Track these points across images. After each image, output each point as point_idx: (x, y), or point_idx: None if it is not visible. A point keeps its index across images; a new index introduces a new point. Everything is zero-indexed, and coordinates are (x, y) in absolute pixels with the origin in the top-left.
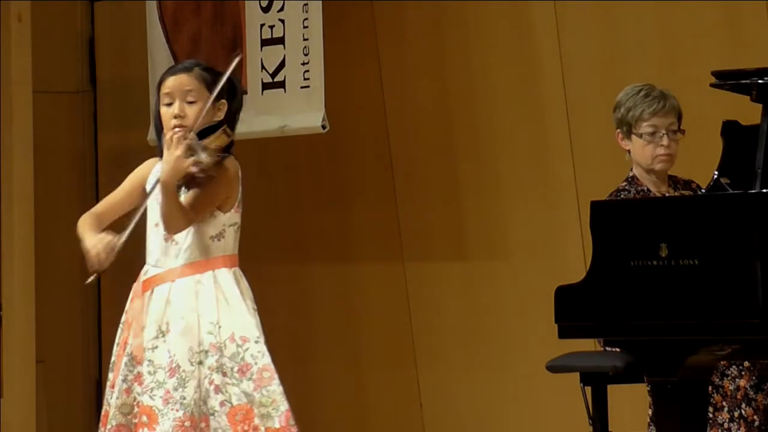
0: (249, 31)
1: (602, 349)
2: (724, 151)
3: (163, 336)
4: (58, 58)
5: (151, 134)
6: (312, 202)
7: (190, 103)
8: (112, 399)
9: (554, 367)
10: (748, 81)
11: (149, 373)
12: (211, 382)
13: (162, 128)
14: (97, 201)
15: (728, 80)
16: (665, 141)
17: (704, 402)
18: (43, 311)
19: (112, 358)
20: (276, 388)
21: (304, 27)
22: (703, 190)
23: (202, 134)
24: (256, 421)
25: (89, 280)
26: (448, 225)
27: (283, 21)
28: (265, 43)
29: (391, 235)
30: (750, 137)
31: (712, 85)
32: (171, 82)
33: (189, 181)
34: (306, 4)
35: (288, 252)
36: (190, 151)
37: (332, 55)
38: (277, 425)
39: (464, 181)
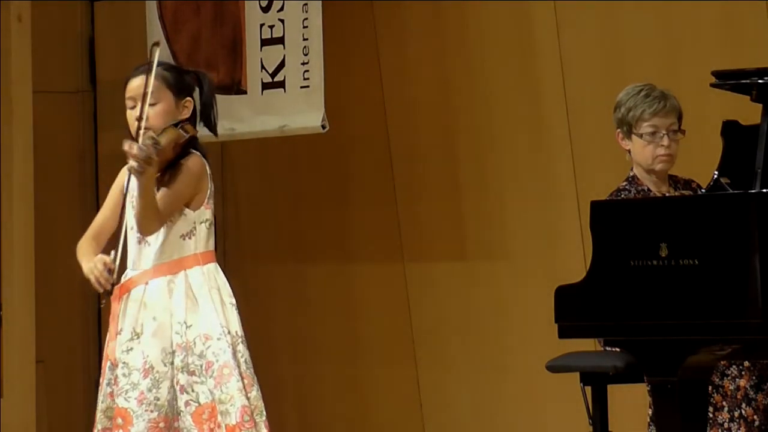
0: (249, 31)
1: (602, 349)
2: (724, 151)
3: (138, 338)
4: (58, 58)
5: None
6: (312, 202)
7: (152, 105)
8: (98, 403)
9: (554, 367)
10: (748, 81)
11: (124, 375)
12: (176, 382)
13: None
14: (97, 201)
15: (728, 80)
16: (665, 141)
17: (704, 402)
18: (43, 311)
19: (104, 362)
20: (234, 384)
21: (304, 27)
22: (704, 190)
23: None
24: (219, 418)
25: (102, 304)
26: (448, 225)
27: (282, 21)
28: (265, 43)
29: (391, 235)
30: (750, 137)
31: (712, 85)
32: (131, 85)
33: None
34: (306, 4)
35: (288, 252)
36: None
37: (332, 55)
38: (234, 422)
39: (464, 181)
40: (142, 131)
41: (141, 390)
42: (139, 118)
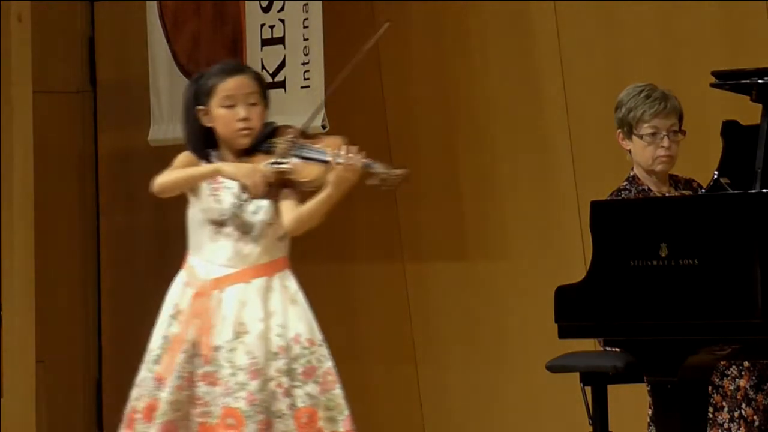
0: (249, 31)
1: (602, 349)
2: (724, 151)
3: (240, 338)
4: (58, 58)
5: (154, 134)
6: None
7: (252, 105)
8: (162, 393)
9: (554, 367)
10: (748, 81)
11: (231, 375)
12: (279, 385)
13: (200, 132)
14: (97, 201)
15: (728, 80)
16: (666, 142)
17: (704, 402)
18: (43, 311)
19: (156, 351)
20: (339, 392)
21: (305, 27)
22: (704, 190)
23: (268, 137)
24: (321, 423)
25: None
26: (448, 225)
27: (283, 21)
28: (265, 43)
29: (391, 235)
30: (750, 137)
31: (712, 85)
32: (232, 84)
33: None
34: (306, 4)
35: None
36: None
37: (332, 55)
38: (342, 430)
39: (464, 181)
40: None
41: (250, 391)
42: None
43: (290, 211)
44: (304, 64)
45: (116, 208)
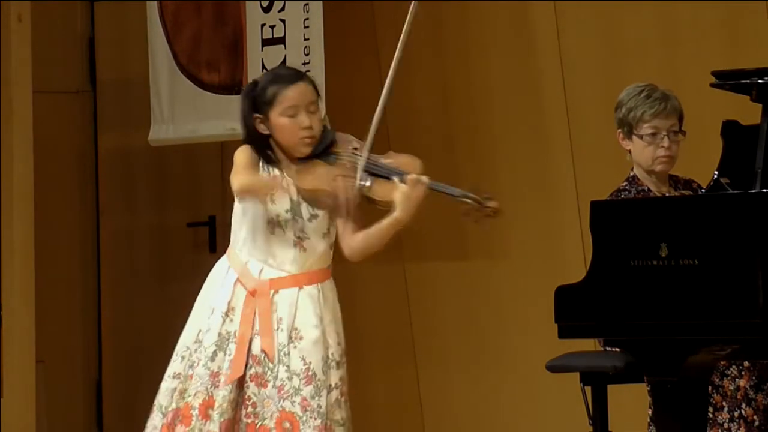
0: (249, 31)
1: (602, 349)
2: (724, 151)
3: (293, 342)
4: (58, 58)
5: (154, 134)
6: None
7: (312, 113)
8: (220, 391)
9: (554, 367)
10: (748, 81)
11: (288, 378)
12: (342, 393)
13: (261, 139)
14: (97, 201)
15: (728, 80)
16: (666, 143)
17: (704, 402)
18: (43, 311)
19: (211, 348)
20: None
21: (305, 27)
22: (704, 190)
23: (329, 146)
24: None
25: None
26: (448, 225)
27: (283, 21)
28: (265, 43)
29: None
30: (750, 137)
31: (712, 85)
32: (294, 93)
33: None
34: (307, 4)
35: None
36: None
37: (332, 55)
38: None
39: (464, 181)
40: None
41: (303, 396)
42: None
43: (351, 233)
44: (304, 64)
45: (116, 208)
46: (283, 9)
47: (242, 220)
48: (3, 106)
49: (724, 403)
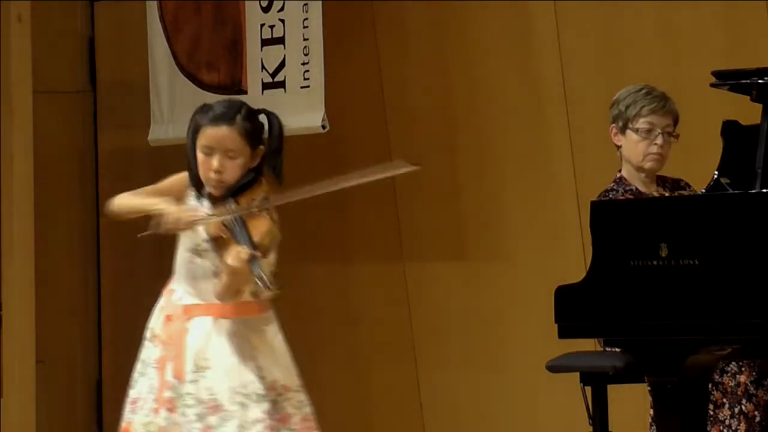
0: (249, 31)
1: (602, 349)
2: (724, 151)
3: (202, 371)
4: (58, 58)
5: (154, 134)
6: (312, 202)
7: (231, 158)
8: (137, 416)
9: (554, 367)
10: (748, 81)
11: (189, 406)
12: (268, 428)
13: (194, 163)
14: (97, 201)
15: (728, 80)
16: (659, 141)
17: (704, 402)
18: (43, 311)
19: (135, 375)
20: None
21: (304, 27)
22: (704, 190)
23: (240, 190)
24: None
25: (146, 233)
26: (448, 225)
27: (283, 21)
28: (265, 43)
29: (391, 235)
30: (750, 137)
31: (712, 85)
32: (212, 134)
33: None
34: (306, 4)
35: (288, 252)
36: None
37: (332, 55)
38: None
39: (464, 181)
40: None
41: (208, 424)
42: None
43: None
44: (304, 64)
45: (126, 219)
46: (282, 9)
47: (177, 246)
48: (3, 106)
49: (724, 400)
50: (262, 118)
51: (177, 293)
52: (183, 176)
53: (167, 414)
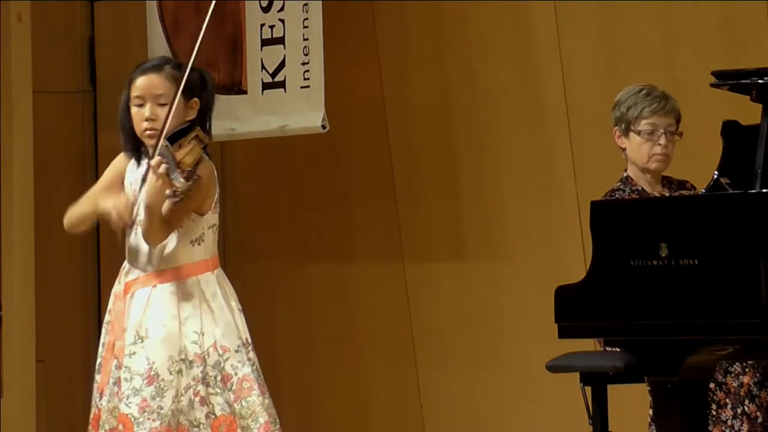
0: (249, 31)
1: (602, 349)
2: (724, 151)
3: (141, 342)
4: (58, 58)
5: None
6: (312, 202)
7: (162, 105)
8: (102, 402)
9: (554, 367)
10: (748, 81)
11: (125, 379)
12: (196, 393)
13: (127, 124)
14: None
15: (728, 80)
16: (663, 141)
17: (704, 401)
18: (43, 311)
19: (98, 360)
20: (255, 399)
21: (304, 27)
22: (704, 190)
23: (174, 137)
24: None
25: (119, 241)
26: (448, 225)
27: (283, 21)
28: (265, 43)
29: (391, 235)
30: (750, 137)
31: (712, 85)
32: (141, 83)
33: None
34: (306, 4)
35: (288, 252)
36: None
37: (332, 55)
38: None
39: (464, 181)
40: (162, 142)
41: (143, 397)
42: (161, 132)
43: None
44: (304, 64)
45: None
46: (282, 9)
47: None
48: (3, 106)
49: (727, 401)
50: (197, 76)
51: (125, 271)
52: (120, 156)
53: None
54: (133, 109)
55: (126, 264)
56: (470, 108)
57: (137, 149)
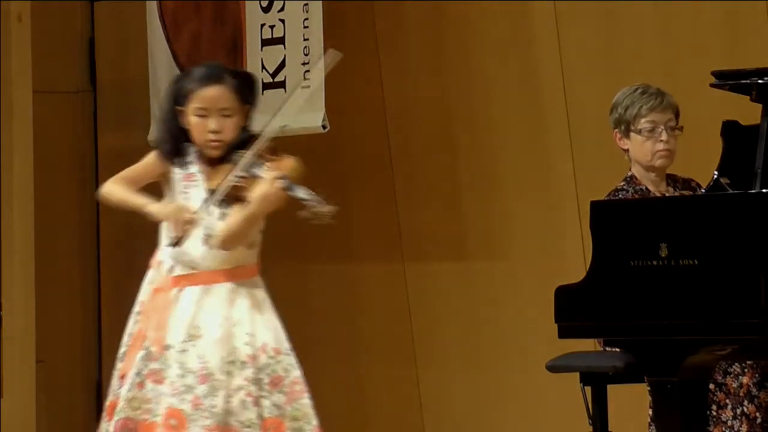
0: (249, 31)
1: (602, 349)
2: (724, 151)
3: (193, 340)
4: (58, 58)
5: (153, 134)
6: None
7: (226, 117)
8: (122, 390)
9: (554, 367)
10: (748, 81)
11: (179, 375)
12: (248, 394)
13: (177, 131)
14: (97, 201)
15: (728, 80)
16: (664, 136)
17: (704, 402)
18: (43, 311)
19: (122, 348)
20: (307, 401)
21: (305, 27)
22: (703, 190)
23: (241, 145)
24: None
25: (175, 245)
26: (448, 225)
27: (283, 21)
28: (265, 43)
29: (391, 235)
30: (750, 137)
31: (712, 85)
32: (206, 94)
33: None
34: (306, 4)
35: (288, 252)
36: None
37: None
38: None
39: (464, 181)
40: (253, 154)
41: (196, 395)
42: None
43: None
44: (304, 64)
45: (116, 209)
46: (282, 9)
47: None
48: (3, 106)
49: (727, 401)
50: (248, 80)
51: (166, 264)
52: (154, 157)
53: (153, 386)
54: (194, 119)
55: (167, 258)
56: (470, 108)
57: (178, 154)
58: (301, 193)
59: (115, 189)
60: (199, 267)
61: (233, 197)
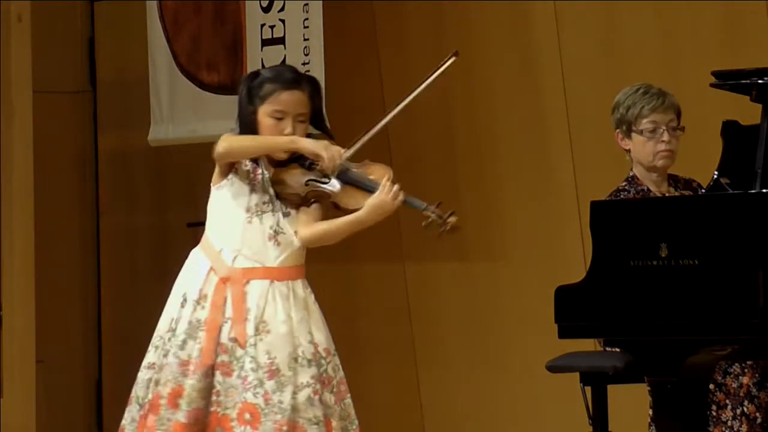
0: (249, 31)
1: (602, 349)
2: (724, 151)
3: (259, 335)
4: (58, 58)
5: (153, 134)
6: None
7: (299, 122)
8: (188, 380)
9: (554, 367)
10: (748, 81)
11: (252, 369)
12: (315, 392)
13: (253, 132)
14: (97, 201)
15: (728, 80)
16: (666, 137)
17: (704, 402)
18: (43, 311)
19: (181, 336)
20: (350, 401)
21: (305, 27)
22: (704, 190)
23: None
24: None
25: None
26: None
27: (283, 21)
28: (265, 43)
29: (391, 235)
30: (750, 137)
31: (712, 85)
32: (287, 98)
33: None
34: (306, 4)
35: None
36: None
37: (332, 55)
38: None
39: (464, 182)
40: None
41: (266, 389)
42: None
43: (308, 224)
44: (304, 64)
45: (116, 208)
46: (282, 9)
47: (219, 206)
48: (3, 106)
49: (727, 401)
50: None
51: (227, 255)
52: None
53: (222, 378)
54: (270, 121)
55: (223, 246)
56: (470, 108)
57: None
58: (420, 204)
59: (241, 138)
60: (264, 262)
61: (311, 198)
